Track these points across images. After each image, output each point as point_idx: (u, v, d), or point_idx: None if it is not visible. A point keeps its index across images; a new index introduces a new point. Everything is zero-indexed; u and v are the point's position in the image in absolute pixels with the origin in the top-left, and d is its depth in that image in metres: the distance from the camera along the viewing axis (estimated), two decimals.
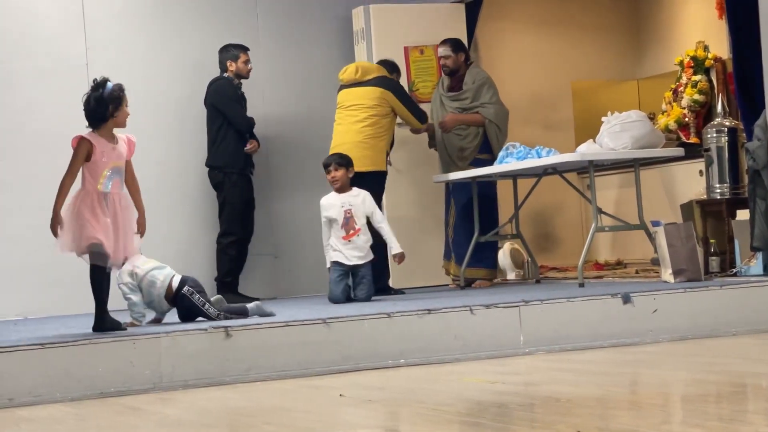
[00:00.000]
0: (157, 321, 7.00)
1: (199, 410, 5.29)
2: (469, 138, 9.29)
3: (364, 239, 8.10)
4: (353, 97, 8.95)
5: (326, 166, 8.24)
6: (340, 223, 8.06)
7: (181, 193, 9.78)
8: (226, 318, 6.75)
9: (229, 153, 9.37)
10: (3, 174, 9.28)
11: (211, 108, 9.44)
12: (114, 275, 6.63)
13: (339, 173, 8.15)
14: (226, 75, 9.47)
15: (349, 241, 8.06)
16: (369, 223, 8.20)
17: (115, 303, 6.56)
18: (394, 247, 8.18)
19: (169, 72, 9.82)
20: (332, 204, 8.13)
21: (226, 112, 9.36)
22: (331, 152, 8.75)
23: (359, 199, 8.14)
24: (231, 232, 9.35)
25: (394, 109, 8.91)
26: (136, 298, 6.87)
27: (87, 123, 6.50)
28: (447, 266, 9.56)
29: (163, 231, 9.30)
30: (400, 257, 8.17)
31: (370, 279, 8.09)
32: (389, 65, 9.23)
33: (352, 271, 8.08)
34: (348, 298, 8.04)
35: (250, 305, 6.92)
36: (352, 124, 8.90)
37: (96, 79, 6.52)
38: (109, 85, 6.47)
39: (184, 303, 6.88)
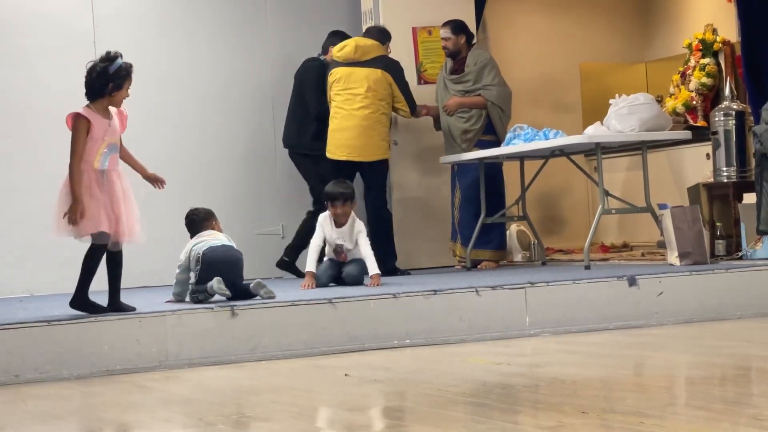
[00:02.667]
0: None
1: (205, 388, 5.30)
2: (473, 120, 9.28)
3: (356, 255, 7.86)
4: (354, 78, 8.87)
5: (333, 199, 7.77)
6: (332, 248, 7.86)
7: (198, 175, 9.79)
8: (195, 299, 6.66)
9: (311, 132, 9.30)
10: (10, 152, 9.28)
11: (297, 84, 9.43)
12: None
13: (347, 208, 7.78)
14: (322, 58, 9.40)
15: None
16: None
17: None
18: (371, 269, 7.62)
19: (176, 51, 9.80)
20: (329, 232, 7.81)
21: (304, 92, 9.30)
22: (332, 136, 8.81)
23: (352, 237, 7.77)
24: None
25: (392, 90, 8.89)
26: (180, 276, 6.84)
27: (84, 93, 6.36)
28: (453, 247, 9.57)
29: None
30: (376, 279, 7.51)
31: (359, 263, 7.80)
32: (382, 34, 9.12)
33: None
34: (335, 280, 7.84)
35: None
36: (356, 109, 8.83)
37: (109, 52, 6.37)
38: (119, 61, 6.34)
39: None
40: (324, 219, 7.87)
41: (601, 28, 11.92)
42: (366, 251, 7.73)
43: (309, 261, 7.74)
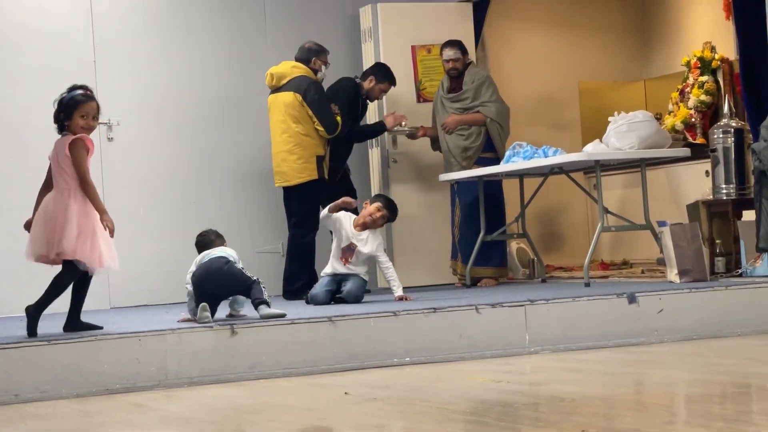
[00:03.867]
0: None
1: (205, 407, 5.30)
2: (472, 138, 9.32)
3: (361, 268, 7.84)
4: (275, 103, 8.96)
5: (386, 207, 7.82)
6: (341, 246, 7.80)
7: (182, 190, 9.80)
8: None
9: (342, 151, 9.27)
10: (10, 170, 9.28)
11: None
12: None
13: (379, 218, 7.78)
14: (358, 80, 9.35)
15: (345, 265, 7.83)
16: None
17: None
18: (395, 291, 7.67)
19: (176, 70, 9.81)
20: (345, 228, 7.77)
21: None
22: (273, 159, 8.94)
23: (370, 245, 7.76)
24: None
25: (306, 110, 8.84)
26: (190, 289, 6.69)
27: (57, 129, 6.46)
28: (454, 265, 9.58)
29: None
30: (399, 298, 7.56)
31: (359, 281, 7.80)
32: (307, 51, 9.05)
33: (341, 278, 7.83)
34: (331, 300, 7.76)
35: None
36: (279, 134, 8.91)
37: (75, 85, 6.48)
38: (75, 92, 6.42)
39: None
40: (345, 215, 7.82)
41: (600, 46, 11.95)
42: (389, 274, 7.73)
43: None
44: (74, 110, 6.37)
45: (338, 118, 8.95)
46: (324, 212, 7.82)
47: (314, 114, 8.80)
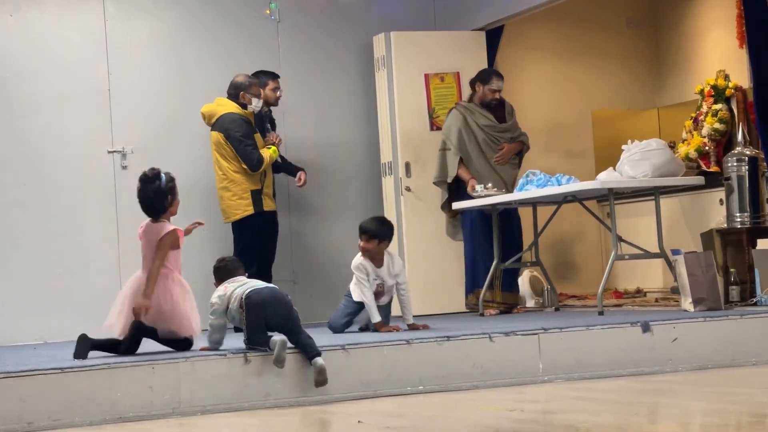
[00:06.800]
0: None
1: None
2: (517, 165, 9.43)
3: (387, 297, 7.73)
4: (210, 142, 9.11)
5: (363, 232, 7.61)
6: (373, 290, 7.60)
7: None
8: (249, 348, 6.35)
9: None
10: (25, 199, 9.32)
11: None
12: None
13: (370, 245, 7.56)
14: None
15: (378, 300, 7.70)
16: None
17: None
18: (408, 318, 7.57)
19: (190, 99, 9.84)
20: (367, 273, 7.58)
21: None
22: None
23: (391, 271, 7.64)
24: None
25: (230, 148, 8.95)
26: (215, 321, 6.47)
27: (148, 215, 6.67)
28: (484, 294, 9.26)
29: None
30: (413, 327, 7.49)
31: (384, 311, 7.68)
32: (233, 87, 9.08)
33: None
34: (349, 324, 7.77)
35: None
36: (215, 171, 9.09)
37: (146, 173, 6.67)
38: (163, 176, 6.64)
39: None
40: (359, 261, 7.62)
41: (613, 74, 11.95)
42: (406, 299, 7.62)
43: (374, 313, 7.50)
44: (176, 190, 6.74)
45: (269, 151, 8.97)
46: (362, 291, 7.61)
47: (235, 152, 8.90)
